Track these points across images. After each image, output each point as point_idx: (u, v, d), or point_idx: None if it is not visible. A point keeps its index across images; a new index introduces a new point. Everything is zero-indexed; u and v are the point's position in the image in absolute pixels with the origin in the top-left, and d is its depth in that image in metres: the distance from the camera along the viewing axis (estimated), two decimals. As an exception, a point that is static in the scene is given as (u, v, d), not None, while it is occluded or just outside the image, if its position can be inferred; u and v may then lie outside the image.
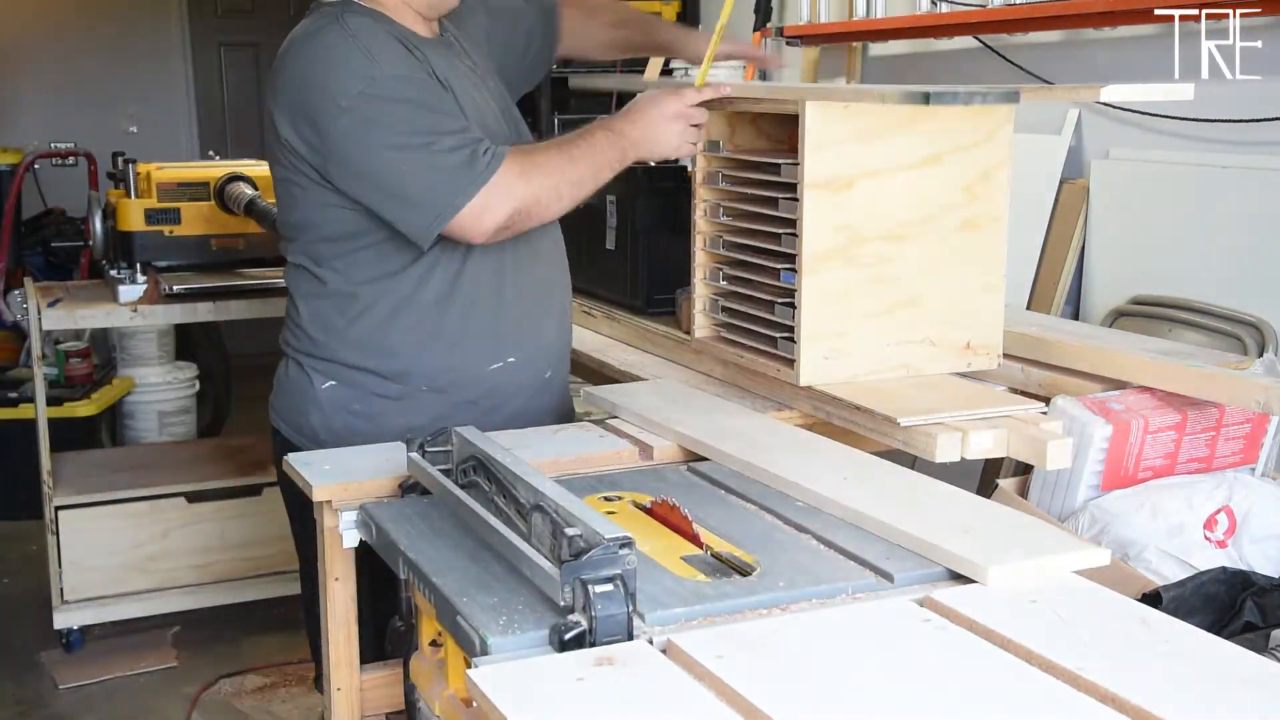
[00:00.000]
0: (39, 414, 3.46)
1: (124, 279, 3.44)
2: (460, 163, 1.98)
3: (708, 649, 1.27)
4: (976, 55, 3.47)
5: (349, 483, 1.79)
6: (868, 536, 1.59)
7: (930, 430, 1.96)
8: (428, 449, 1.76)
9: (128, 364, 4.79)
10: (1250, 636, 1.81)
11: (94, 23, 6.93)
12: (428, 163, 1.98)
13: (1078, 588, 1.43)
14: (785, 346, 2.21)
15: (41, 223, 5.79)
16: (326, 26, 2.05)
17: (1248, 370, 2.16)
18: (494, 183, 1.98)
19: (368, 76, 1.98)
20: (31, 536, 4.18)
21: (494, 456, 1.64)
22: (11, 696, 3.34)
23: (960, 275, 2.23)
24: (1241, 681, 1.20)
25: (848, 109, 2.11)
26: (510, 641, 1.31)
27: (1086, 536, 2.08)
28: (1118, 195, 3.07)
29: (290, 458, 1.90)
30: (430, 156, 1.98)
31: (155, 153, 4.06)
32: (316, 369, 2.15)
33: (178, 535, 3.62)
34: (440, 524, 1.64)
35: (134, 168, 3.50)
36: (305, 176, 2.07)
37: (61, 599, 3.50)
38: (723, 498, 1.78)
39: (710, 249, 2.41)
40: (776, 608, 1.41)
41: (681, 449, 2.00)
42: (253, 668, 3.47)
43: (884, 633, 1.32)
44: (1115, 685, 1.18)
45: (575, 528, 1.37)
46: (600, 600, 1.29)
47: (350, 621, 1.85)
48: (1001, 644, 1.29)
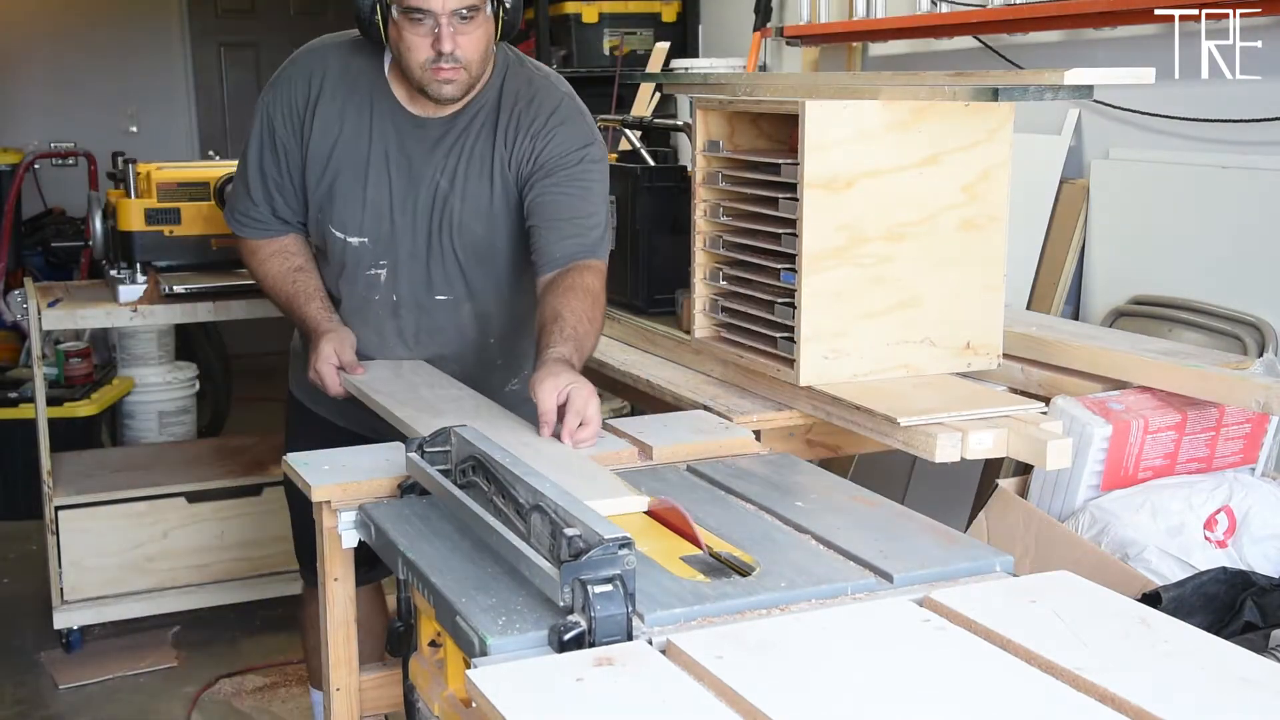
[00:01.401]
0: (39, 414, 3.46)
1: (124, 279, 3.44)
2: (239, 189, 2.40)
3: (707, 649, 1.26)
4: (976, 55, 3.47)
5: (348, 483, 1.79)
6: (866, 537, 1.59)
7: (930, 430, 1.96)
8: (426, 449, 1.76)
9: (128, 364, 4.78)
10: (1250, 636, 1.81)
11: (94, 23, 6.93)
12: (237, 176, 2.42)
13: (1077, 587, 1.43)
14: (785, 346, 2.21)
15: (41, 223, 5.79)
16: (310, 43, 2.35)
17: (1248, 370, 2.15)
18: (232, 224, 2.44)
19: (262, 91, 2.33)
20: (31, 536, 4.18)
21: (493, 457, 1.64)
22: (11, 696, 3.34)
23: (960, 275, 2.23)
24: (1241, 681, 1.19)
25: (848, 109, 2.11)
26: (509, 642, 1.31)
27: (1086, 536, 2.08)
28: (1118, 195, 3.07)
29: (290, 458, 1.90)
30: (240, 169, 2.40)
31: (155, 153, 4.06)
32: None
33: (177, 535, 3.62)
34: (439, 524, 1.64)
35: (134, 168, 3.50)
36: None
37: (61, 599, 3.49)
38: (723, 498, 1.78)
39: (710, 249, 2.41)
40: (776, 608, 1.41)
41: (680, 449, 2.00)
42: (253, 668, 3.46)
43: (884, 633, 1.32)
44: (1115, 685, 1.18)
45: (575, 528, 1.37)
46: (599, 601, 1.29)
47: (349, 621, 1.85)
48: (1001, 644, 1.29)
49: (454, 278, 2.31)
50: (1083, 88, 1.98)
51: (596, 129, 2.34)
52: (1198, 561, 2.00)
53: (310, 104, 2.26)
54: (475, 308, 2.35)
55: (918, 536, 1.60)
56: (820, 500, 1.75)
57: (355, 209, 2.27)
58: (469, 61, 2.13)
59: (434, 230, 2.28)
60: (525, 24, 5.09)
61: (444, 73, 2.12)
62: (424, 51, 2.10)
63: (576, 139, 2.26)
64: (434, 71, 2.11)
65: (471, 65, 2.14)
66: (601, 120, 3.29)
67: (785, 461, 1.95)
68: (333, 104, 2.26)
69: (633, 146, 3.24)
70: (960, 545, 1.58)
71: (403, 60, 2.14)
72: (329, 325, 2.30)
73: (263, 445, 3.96)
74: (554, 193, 2.23)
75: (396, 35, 2.12)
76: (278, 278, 2.37)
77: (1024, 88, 1.98)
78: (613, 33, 4.89)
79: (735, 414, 2.21)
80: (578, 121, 2.29)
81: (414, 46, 2.10)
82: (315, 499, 1.79)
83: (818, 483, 1.85)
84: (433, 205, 2.27)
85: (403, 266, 2.30)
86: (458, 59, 2.10)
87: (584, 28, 4.88)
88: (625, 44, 4.85)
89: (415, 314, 2.33)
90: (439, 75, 2.12)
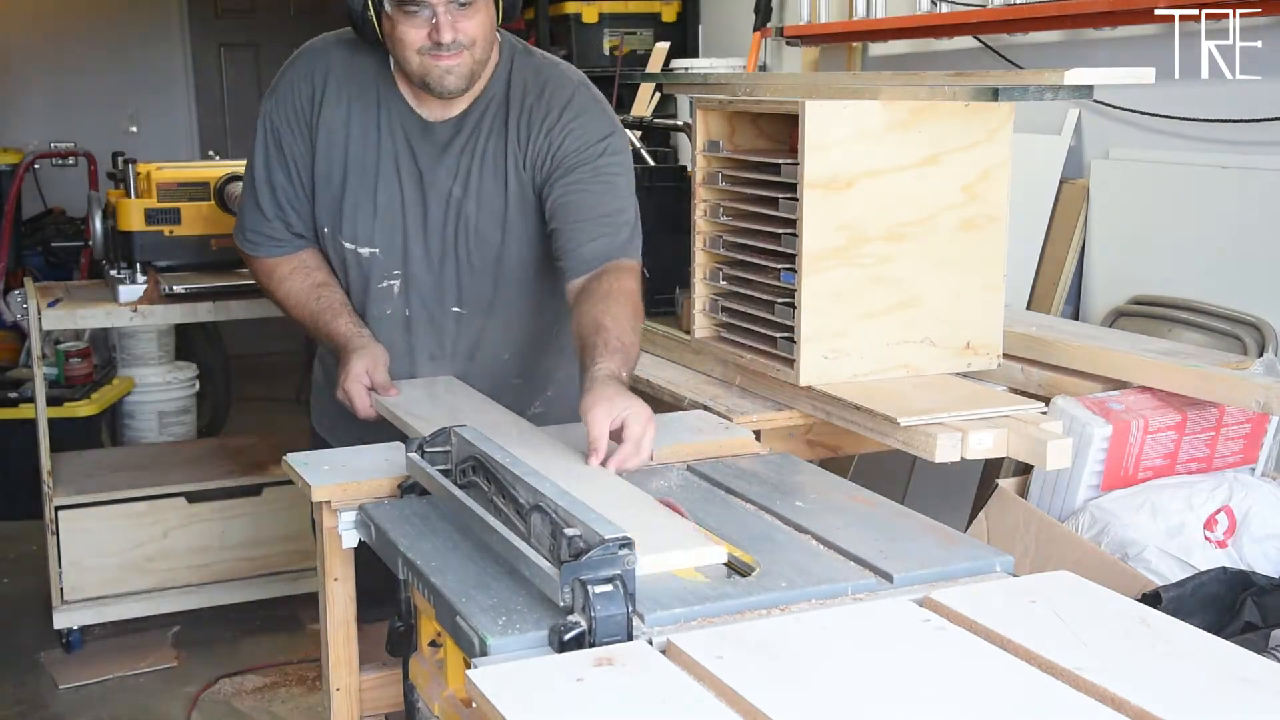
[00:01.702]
0: (39, 414, 3.46)
1: (124, 279, 3.44)
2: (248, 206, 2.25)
3: (708, 649, 1.26)
4: (976, 55, 3.47)
5: (348, 483, 1.79)
6: (866, 537, 1.59)
7: (930, 430, 1.96)
8: (427, 449, 1.76)
9: (128, 364, 4.78)
10: (1250, 636, 1.81)
11: (94, 23, 6.93)
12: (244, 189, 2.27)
13: (1078, 587, 1.43)
14: (785, 346, 2.21)
15: (41, 223, 5.79)
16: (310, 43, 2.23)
17: (1248, 370, 2.16)
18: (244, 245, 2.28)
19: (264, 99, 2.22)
20: (31, 536, 4.17)
21: (493, 457, 1.64)
22: (11, 696, 3.34)
23: (960, 275, 2.23)
24: (1242, 682, 1.19)
25: (848, 109, 2.11)
26: (510, 642, 1.31)
27: (1086, 536, 2.08)
28: (1118, 195, 3.07)
29: (290, 458, 1.89)
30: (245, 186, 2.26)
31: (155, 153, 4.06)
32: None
33: (177, 535, 3.62)
34: (439, 524, 1.64)
35: (134, 168, 3.50)
36: None
37: (61, 599, 3.50)
38: (723, 498, 1.78)
39: (710, 249, 2.41)
40: (776, 608, 1.41)
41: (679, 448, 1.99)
42: (253, 668, 3.46)
43: (884, 633, 1.32)
44: (1116, 686, 1.18)
45: (575, 528, 1.37)
46: (600, 601, 1.29)
47: (349, 621, 1.85)
48: (1001, 644, 1.28)
49: (469, 289, 2.19)
50: (1083, 88, 1.98)
51: (615, 118, 2.20)
52: (1198, 561, 2.00)
53: (316, 106, 2.14)
54: (492, 321, 2.23)
55: (917, 536, 1.60)
56: (820, 500, 1.75)
57: (366, 217, 2.16)
58: (472, 42, 1.99)
59: (447, 238, 2.16)
60: (525, 24, 5.12)
61: (444, 60, 1.98)
62: (420, 40, 1.97)
63: (595, 130, 2.12)
64: (433, 59, 1.98)
65: (475, 47, 2.00)
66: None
67: (785, 461, 1.95)
68: (338, 105, 2.14)
69: (633, 146, 3.25)
70: (960, 545, 1.58)
71: (398, 55, 2.02)
72: (360, 341, 2.15)
73: (263, 445, 3.96)
74: (577, 190, 2.08)
75: (391, 29, 1.99)
76: (300, 296, 2.22)
77: (1024, 88, 1.98)
78: (613, 33, 4.89)
79: (735, 414, 2.21)
80: (595, 112, 2.15)
81: (407, 37, 1.98)
82: (315, 499, 1.79)
83: (817, 482, 1.84)
84: (446, 211, 2.15)
85: (416, 278, 2.18)
86: (461, 43, 1.97)
87: (584, 28, 4.89)
88: (625, 44, 4.86)
89: (429, 329, 2.22)
90: (439, 63, 1.98)
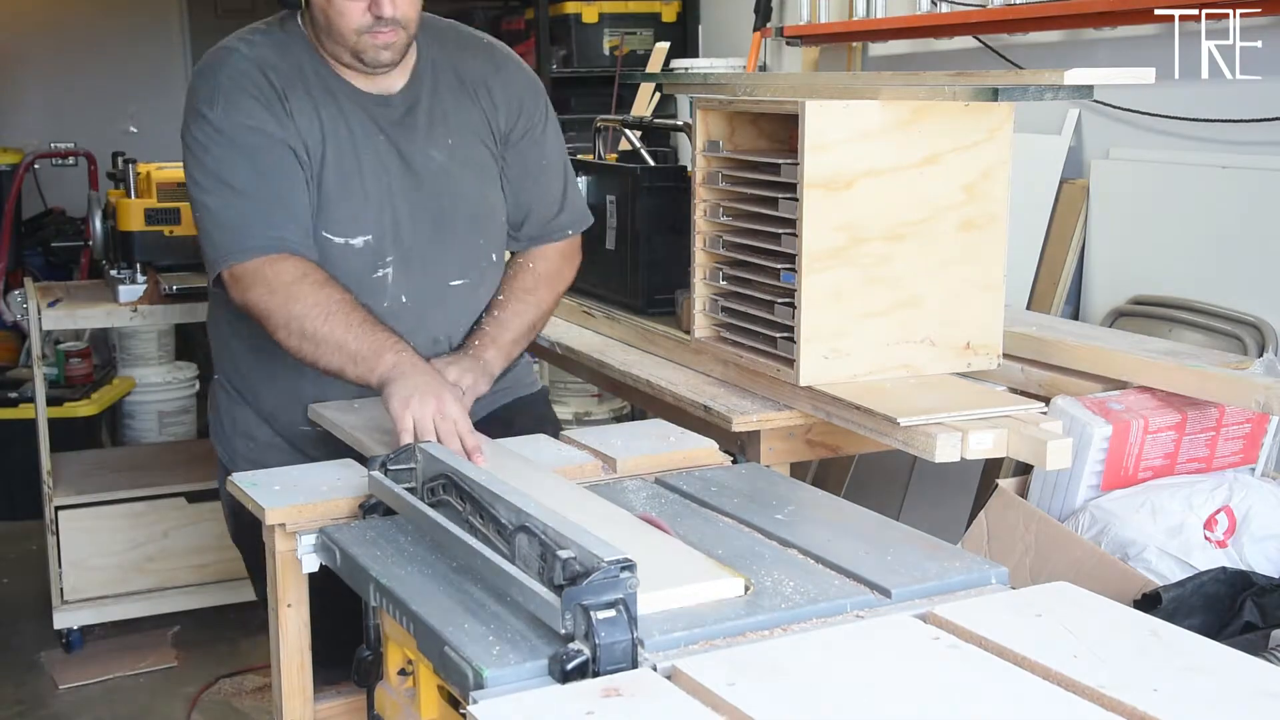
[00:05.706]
0: (39, 414, 3.46)
1: (124, 279, 3.44)
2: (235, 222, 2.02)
3: (717, 675, 1.21)
4: (976, 55, 3.47)
5: (304, 504, 1.69)
6: (855, 550, 1.55)
7: (930, 430, 1.96)
8: (390, 467, 1.68)
9: (128, 364, 4.79)
10: (1250, 637, 1.81)
11: (94, 23, 6.93)
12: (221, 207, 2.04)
13: (1079, 599, 1.40)
14: (785, 346, 2.21)
15: (41, 223, 5.79)
16: (224, 48, 2.14)
17: (1248, 370, 2.15)
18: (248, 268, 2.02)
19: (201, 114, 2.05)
20: (31, 536, 4.17)
21: (468, 475, 1.56)
22: (11, 696, 3.34)
23: (960, 275, 2.23)
24: (1266, 695, 1.16)
25: (848, 109, 2.11)
26: (507, 673, 1.24)
27: (1086, 536, 2.08)
28: (1118, 195, 3.07)
29: (236, 478, 1.79)
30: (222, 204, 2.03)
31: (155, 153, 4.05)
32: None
33: (177, 535, 3.62)
34: (409, 547, 1.56)
35: (134, 168, 3.50)
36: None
37: (61, 599, 3.49)
38: (696, 510, 1.72)
39: (710, 249, 2.41)
40: (778, 628, 1.36)
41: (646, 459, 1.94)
42: (253, 668, 3.46)
43: (895, 652, 1.28)
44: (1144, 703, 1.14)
45: (569, 550, 1.30)
46: (603, 627, 1.23)
47: (304, 649, 1.75)
48: (1016, 661, 1.25)
49: (467, 256, 2.19)
50: (1083, 88, 1.98)
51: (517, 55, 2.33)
52: (1198, 561, 2.00)
53: (281, 98, 2.06)
54: (489, 289, 2.24)
55: (905, 548, 1.56)
56: (799, 512, 1.70)
57: (356, 205, 2.10)
58: (407, 20, 2.01)
59: (443, 208, 2.16)
60: (525, 24, 5.12)
61: (382, 36, 1.99)
62: (358, 17, 1.97)
63: (539, 97, 2.27)
64: (371, 36, 1.99)
65: (410, 23, 2.02)
66: (601, 120, 3.29)
67: (756, 472, 1.92)
68: (303, 99, 2.08)
69: (633, 146, 3.24)
70: (951, 557, 1.54)
71: (333, 28, 2.00)
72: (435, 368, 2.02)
73: (263, 445, 3.95)
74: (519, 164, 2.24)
75: (324, 2, 1.98)
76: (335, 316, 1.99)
77: (1024, 88, 1.98)
78: (613, 33, 4.89)
79: (735, 414, 2.21)
80: (530, 74, 2.29)
81: (346, 12, 1.97)
82: (269, 522, 1.67)
83: (793, 493, 1.81)
84: (434, 180, 2.14)
85: (413, 259, 2.14)
86: (397, 20, 1.98)
87: (584, 28, 4.89)
88: (625, 44, 4.86)
89: (426, 312, 2.16)
90: (377, 40, 1.99)
